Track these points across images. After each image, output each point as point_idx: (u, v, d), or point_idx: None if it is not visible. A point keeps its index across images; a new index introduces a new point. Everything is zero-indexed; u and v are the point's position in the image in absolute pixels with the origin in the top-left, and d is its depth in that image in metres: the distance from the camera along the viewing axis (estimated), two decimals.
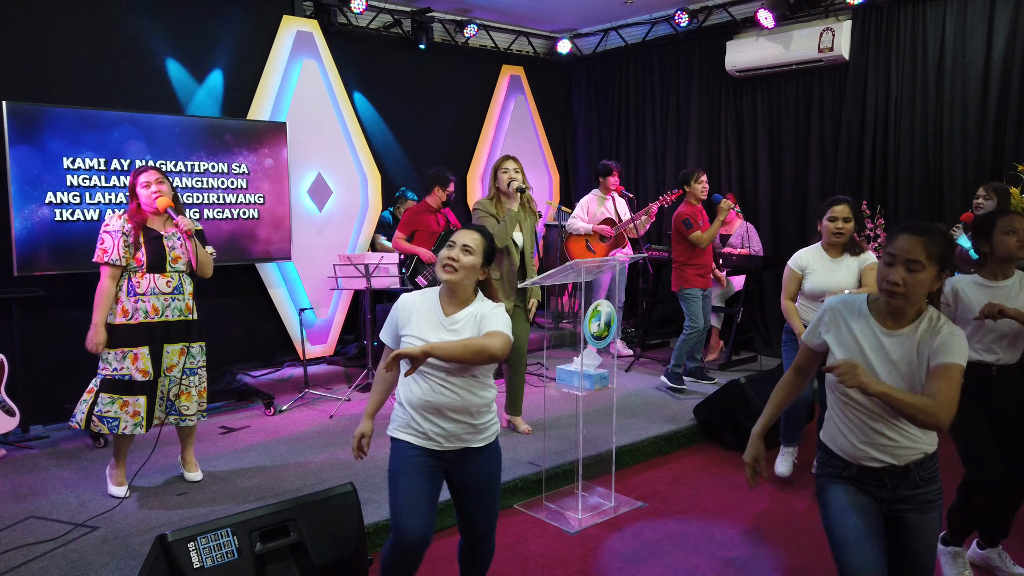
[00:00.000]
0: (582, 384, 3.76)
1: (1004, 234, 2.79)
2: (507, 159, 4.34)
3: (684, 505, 3.83)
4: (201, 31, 5.50)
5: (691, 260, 5.40)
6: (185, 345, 3.63)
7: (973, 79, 5.46)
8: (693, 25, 7.03)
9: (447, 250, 2.38)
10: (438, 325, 2.37)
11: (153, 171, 3.58)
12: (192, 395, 3.70)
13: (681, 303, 5.52)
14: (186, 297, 3.64)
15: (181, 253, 3.61)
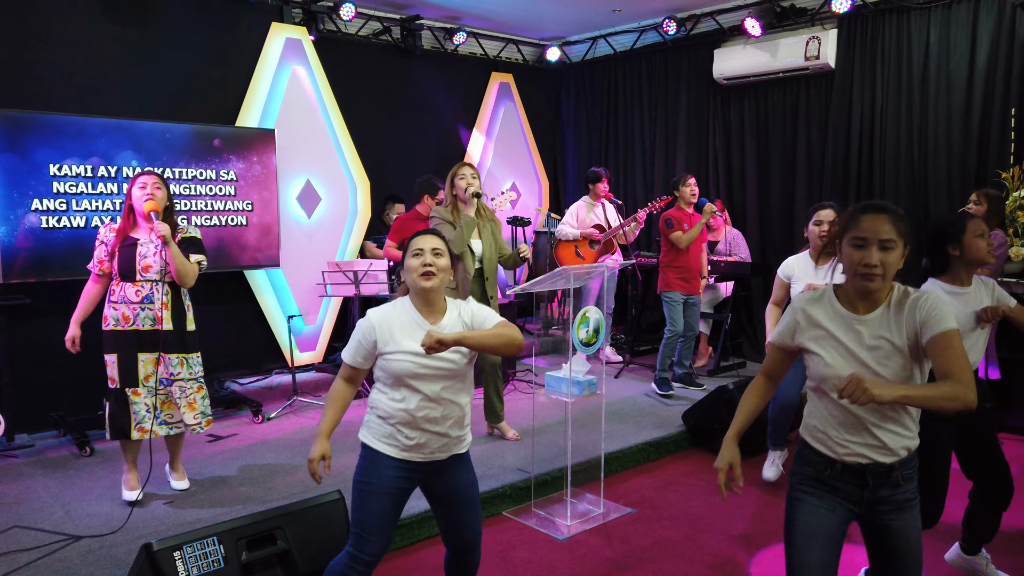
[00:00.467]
0: (571, 390, 3.77)
1: (976, 237, 2.68)
2: (464, 166, 4.33)
3: (673, 511, 3.84)
4: (189, 38, 5.49)
5: (674, 263, 5.43)
6: (159, 355, 3.55)
7: (957, 87, 5.52)
8: (681, 33, 7.08)
9: (417, 258, 2.30)
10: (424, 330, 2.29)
11: (152, 175, 3.55)
12: (177, 405, 3.64)
13: (663, 306, 5.54)
14: (157, 307, 3.52)
15: (153, 262, 3.52)
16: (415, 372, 2.26)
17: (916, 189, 5.79)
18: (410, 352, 2.26)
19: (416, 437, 2.30)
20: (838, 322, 1.99)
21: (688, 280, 5.45)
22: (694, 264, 5.49)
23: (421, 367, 2.26)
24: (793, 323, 2.07)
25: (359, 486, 2.33)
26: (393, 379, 2.29)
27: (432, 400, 2.29)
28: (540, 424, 4.67)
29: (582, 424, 4.67)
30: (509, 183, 7.84)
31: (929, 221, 2.91)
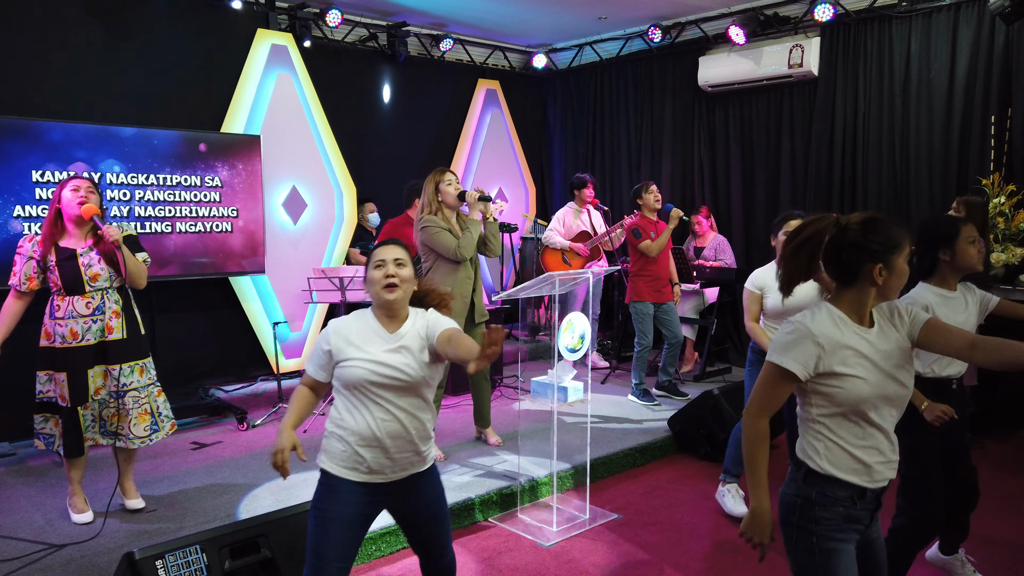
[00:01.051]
0: (556, 396, 3.77)
1: (969, 243, 2.67)
2: (446, 172, 4.29)
3: (658, 517, 3.85)
4: (175, 44, 5.47)
5: (643, 271, 5.40)
6: (106, 368, 3.41)
7: (938, 95, 5.58)
8: (666, 41, 7.13)
9: (379, 269, 2.26)
10: (384, 343, 2.25)
11: (85, 180, 3.43)
12: (129, 418, 3.46)
13: (632, 316, 5.50)
14: (108, 317, 3.40)
15: (100, 270, 3.37)
16: (370, 379, 2.20)
17: (898, 196, 5.85)
18: (368, 359, 2.21)
19: (376, 457, 2.23)
20: (855, 337, 1.90)
21: (658, 288, 5.43)
22: (663, 272, 5.46)
23: (376, 375, 2.20)
24: (814, 350, 1.86)
25: (317, 514, 2.25)
26: (349, 390, 2.24)
27: (389, 412, 2.22)
28: (526, 430, 4.67)
29: (568, 430, 4.67)
30: (496, 189, 7.86)
31: (922, 222, 2.86)
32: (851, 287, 1.91)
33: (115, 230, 3.32)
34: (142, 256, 3.52)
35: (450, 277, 4.17)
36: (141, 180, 5.01)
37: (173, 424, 3.67)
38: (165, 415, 3.61)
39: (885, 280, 1.87)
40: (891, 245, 1.85)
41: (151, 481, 4.03)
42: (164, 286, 5.26)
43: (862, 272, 1.87)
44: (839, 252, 1.89)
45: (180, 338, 5.54)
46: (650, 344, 5.46)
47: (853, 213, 1.94)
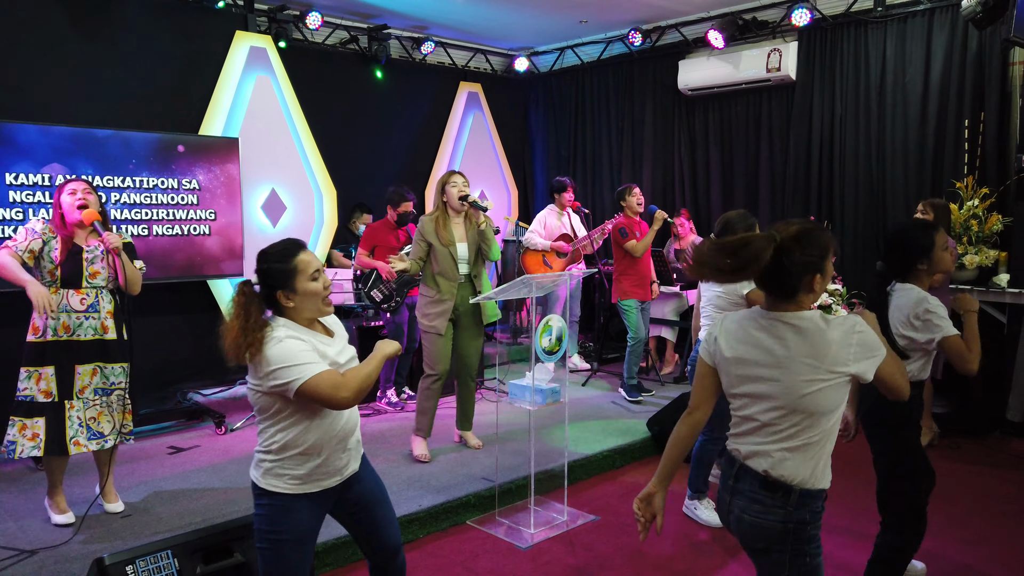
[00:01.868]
0: (533, 399, 3.78)
1: (943, 251, 2.74)
2: (456, 174, 4.37)
3: None
4: (152, 46, 5.44)
5: (628, 270, 5.51)
6: (99, 365, 3.44)
7: (913, 99, 5.66)
8: (647, 44, 7.17)
9: (320, 281, 2.15)
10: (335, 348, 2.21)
11: (82, 182, 3.45)
12: (106, 416, 3.47)
13: (621, 315, 5.61)
14: (102, 316, 3.44)
15: (100, 268, 3.43)
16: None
17: (875, 198, 5.92)
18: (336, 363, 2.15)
19: (338, 458, 2.19)
20: None
21: (642, 287, 5.56)
22: (646, 271, 5.60)
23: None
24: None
25: (270, 537, 2.14)
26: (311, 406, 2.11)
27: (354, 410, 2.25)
28: (505, 432, 4.67)
29: (547, 432, 4.68)
30: (478, 192, 7.86)
31: (895, 229, 2.89)
32: (791, 299, 1.89)
33: (115, 238, 3.38)
34: (139, 264, 3.58)
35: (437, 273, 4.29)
36: (117, 183, 4.98)
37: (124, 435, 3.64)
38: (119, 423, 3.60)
39: (820, 285, 1.88)
40: (825, 253, 1.87)
41: (127, 486, 3.99)
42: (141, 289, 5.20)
43: (802, 283, 1.86)
44: (783, 271, 1.84)
45: (158, 341, 5.50)
46: (643, 337, 5.57)
47: (780, 225, 1.89)
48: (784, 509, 1.88)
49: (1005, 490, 4.15)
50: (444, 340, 4.30)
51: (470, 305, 4.32)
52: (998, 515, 3.82)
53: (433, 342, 4.29)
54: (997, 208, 5.13)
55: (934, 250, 2.70)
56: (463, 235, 4.36)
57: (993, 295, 5.02)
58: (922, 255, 2.71)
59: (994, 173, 5.26)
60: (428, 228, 4.30)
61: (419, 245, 4.31)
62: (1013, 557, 3.40)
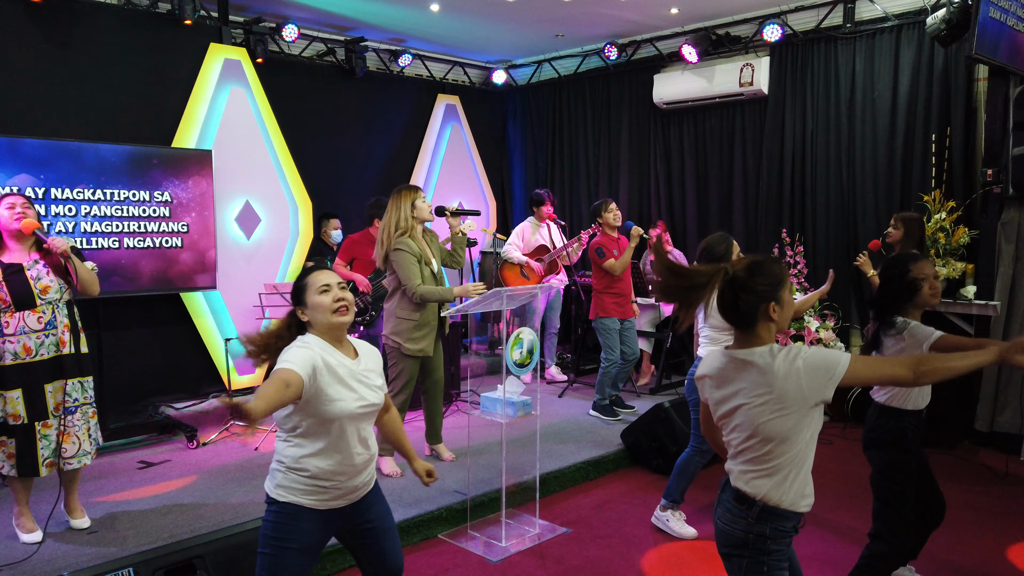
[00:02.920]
0: (505, 411, 3.79)
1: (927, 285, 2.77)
2: (420, 190, 4.34)
3: (608, 530, 3.87)
4: (125, 58, 5.42)
5: (609, 288, 5.41)
6: (61, 382, 3.39)
7: (882, 114, 5.75)
8: (622, 58, 7.24)
9: (327, 294, 2.21)
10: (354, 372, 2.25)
11: (19, 196, 3.41)
12: (72, 437, 3.42)
13: (597, 334, 5.50)
14: (60, 330, 3.38)
15: (50, 282, 3.36)
16: (356, 413, 2.22)
17: (846, 210, 6.00)
18: (349, 393, 2.21)
19: (344, 483, 2.23)
20: None
21: (622, 304, 5.45)
22: (627, 288, 5.49)
23: (361, 407, 2.23)
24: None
25: (274, 543, 2.18)
26: (323, 425, 2.17)
27: (363, 439, 2.27)
28: (477, 445, 4.67)
29: (521, 444, 4.68)
30: (456, 203, 7.86)
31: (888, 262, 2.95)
32: (751, 329, 1.98)
33: (61, 241, 3.32)
34: (89, 265, 3.50)
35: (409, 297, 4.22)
36: (88, 195, 4.94)
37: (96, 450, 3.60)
38: (93, 438, 3.56)
39: (779, 314, 1.97)
40: (777, 282, 1.97)
41: (95, 501, 3.94)
42: (112, 302, 5.17)
43: (759, 313, 1.96)
44: (736, 301, 1.96)
45: (129, 355, 5.45)
46: (617, 359, 5.43)
47: (736, 260, 2.06)
48: (747, 520, 2.01)
49: (972, 500, 4.20)
50: (435, 358, 4.30)
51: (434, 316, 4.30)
52: (965, 524, 3.87)
53: (412, 365, 4.25)
54: (964, 221, 5.23)
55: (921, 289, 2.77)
56: (430, 252, 4.34)
57: (960, 307, 5.10)
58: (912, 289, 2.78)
59: (961, 187, 5.35)
60: (415, 248, 4.19)
61: (415, 266, 4.14)
62: (978, 566, 3.45)
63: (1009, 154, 4.81)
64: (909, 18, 5.55)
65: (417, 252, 4.19)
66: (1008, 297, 5.02)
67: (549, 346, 6.88)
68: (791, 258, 5.90)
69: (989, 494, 4.30)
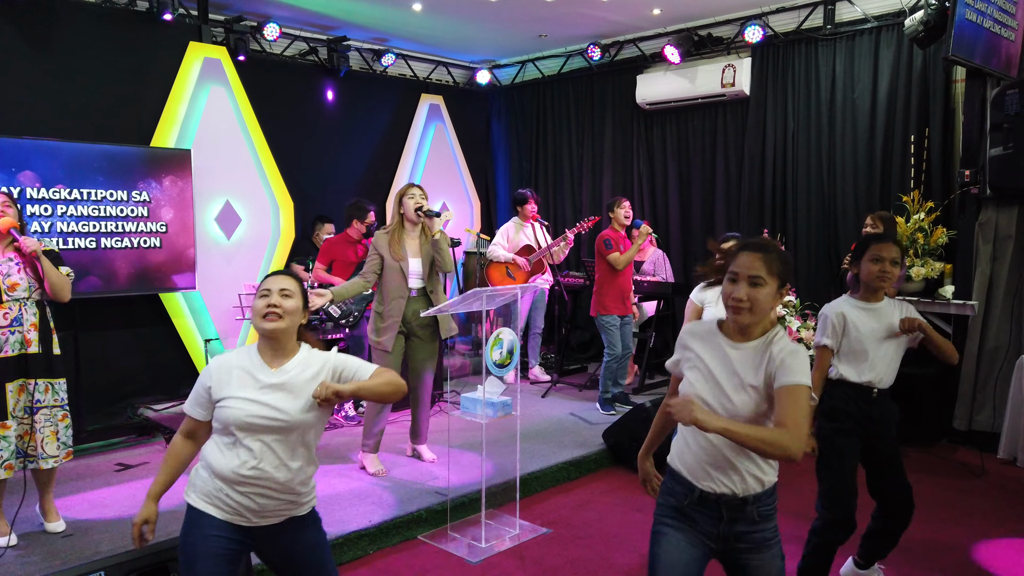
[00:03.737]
0: (485, 412, 3.78)
1: (870, 261, 2.82)
2: (413, 186, 4.36)
3: (588, 530, 3.86)
4: (103, 56, 5.37)
5: (608, 284, 5.48)
6: (24, 382, 3.34)
7: (862, 115, 5.78)
8: (605, 59, 7.25)
9: (263, 298, 2.18)
10: (262, 380, 2.16)
11: (1, 193, 3.39)
12: (39, 436, 3.38)
13: (599, 330, 5.60)
14: (26, 329, 3.34)
15: (19, 279, 3.33)
16: (245, 422, 2.11)
17: (826, 210, 6.03)
18: (242, 397, 2.12)
19: (240, 500, 2.13)
20: (711, 348, 2.06)
21: (623, 301, 5.53)
22: (628, 285, 5.57)
23: (251, 416, 2.11)
24: (679, 350, 2.17)
25: (183, 550, 2.16)
26: (224, 429, 2.15)
27: (259, 456, 2.11)
28: (459, 445, 4.66)
29: (503, 444, 4.68)
30: (440, 203, 7.86)
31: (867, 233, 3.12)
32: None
33: (33, 241, 3.30)
34: (65, 270, 3.46)
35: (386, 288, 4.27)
36: (64, 195, 4.88)
37: (69, 453, 3.55)
38: (63, 442, 3.50)
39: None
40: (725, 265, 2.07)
41: (71, 504, 3.90)
42: (89, 303, 5.12)
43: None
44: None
45: (107, 356, 5.40)
46: (619, 354, 5.55)
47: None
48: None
49: (947, 498, 4.23)
50: (393, 356, 4.26)
51: (414, 316, 4.29)
52: (939, 522, 3.90)
53: (382, 358, 4.24)
54: (942, 221, 5.26)
55: (863, 257, 2.86)
56: (417, 249, 4.33)
57: (939, 306, 5.14)
58: (854, 259, 2.91)
59: (939, 187, 5.39)
60: (381, 242, 4.29)
61: (373, 259, 4.29)
62: (952, 564, 3.47)
63: (986, 155, 4.85)
64: (888, 20, 5.59)
65: (383, 247, 4.26)
66: (985, 297, 5.07)
67: (533, 346, 6.88)
68: None
69: (966, 491, 4.34)
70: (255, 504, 2.14)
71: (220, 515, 2.15)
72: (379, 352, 4.27)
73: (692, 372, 2.07)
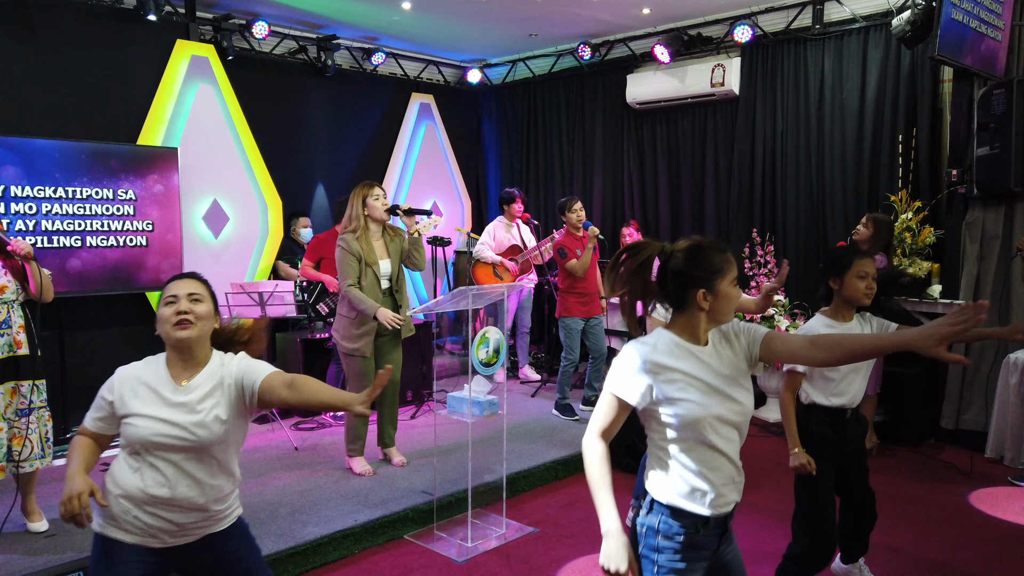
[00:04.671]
0: (471, 411, 3.76)
1: (856, 277, 2.69)
2: (375, 186, 4.28)
3: (574, 529, 3.86)
4: (88, 54, 5.33)
5: (572, 288, 5.42)
6: (15, 384, 3.35)
7: (850, 114, 5.79)
8: (596, 58, 7.25)
9: (170, 306, 2.01)
10: (168, 398, 2.00)
11: None
12: (25, 439, 3.38)
13: (560, 331, 5.52)
14: (15, 331, 3.36)
15: (7, 282, 3.35)
16: (152, 441, 1.96)
17: (815, 210, 6.03)
18: (147, 416, 1.97)
19: (150, 521, 1.98)
20: (686, 360, 1.86)
21: (587, 303, 5.46)
22: (592, 287, 5.49)
23: (157, 435, 1.96)
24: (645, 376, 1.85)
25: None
26: (131, 447, 2.00)
27: (168, 476, 1.97)
28: (446, 445, 4.64)
29: (490, 444, 4.67)
30: (430, 203, 7.84)
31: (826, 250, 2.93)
32: (682, 312, 1.91)
33: (25, 244, 3.28)
34: (47, 272, 3.47)
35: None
36: (48, 193, 4.85)
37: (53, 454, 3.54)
38: (49, 441, 3.50)
39: (711, 304, 1.86)
40: (712, 271, 1.86)
41: (55, 504, 3.81)
42: (74, 302, 5.08)
43: (688, 297, 1.87)
44: (665, 280, 1.90)
45: (93, 356, 5.35)
46: (576, 359, 5.51)
47: (680, 240, 1.93)
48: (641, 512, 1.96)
49: (934, 497, 4.24)
50: (368, 361, 4.21)
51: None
52: (926, 520, 3.90)
53: (359, 364, 4.19)
54: (930, 221, 5.28)
55: (847, 273, 2.70)
56: (384, 251, 4.28)
57: (926, 306, 5.16)
58: (834, 273, 2.74)
59: (927, 187, 5.40)
60: (355, 246, 4.15)
61: (351, 265, 4.13)
62: (939, 563, 3.48)
63: (973, 155, 4.87)
64: (876, 20, 5.60)
65: (357, 251, 4.14)
66: (973, 296, 5.08)
67: (522, 346, 6.87)
68: (761, 257, 5.92)
69: (954, 492, 4.34)
70: (169, 524, 2.00)
71: (131, 539, 1.99)
72: (356, 359, 4.19)
73: (685, 392, 1.83)
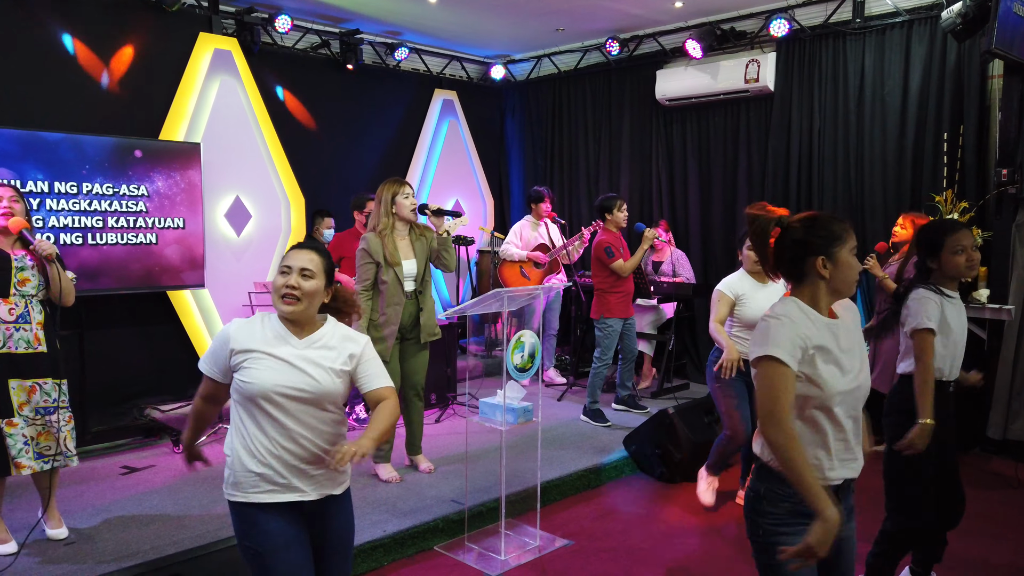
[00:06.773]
0: (505, 418, 3.61)
1: (952, 254, 2.72)
2: (405, 184, 4.13)
3: (611, 542, 3.70)
4: (110, 46, 5.23)
5: (614, 288, 5.28)
6: (34, 382, 3.26)
7: (892, 111, 5.59)
8: (624, 54, 7.07)
9: (283, 277, 2.06)
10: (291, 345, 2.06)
11: (8, 188, 3.29)
12: (61, 435, 3.30)
13: (596, 332, 5.37)
14: (33, 327, 3.26)
15: (31, 276, 3.25)
16: (272, 389, 2.00)
17: (853, 211, 5.83)
18: (269, 355, 2.02)
19: (290, 471, 2.05)
20: (823, 332, 1.88)
21: (627, 303, 5.35)
22: (631, 287, 5.40)
23: (279, 385, 2.01)
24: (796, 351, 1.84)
25: (251, 552, 2.04)
26: (252, 401, 2.03)
27: (289, 428, 2.03)
28: (475, 452, 4.50)
29: (520, 451, 4.51)
30: (453, 201, 7.70)
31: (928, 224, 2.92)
32: (802, 284, 1.94)
33: (48, 244, 3.22)
34: (71, 275, 3.40)
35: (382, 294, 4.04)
36: (68, 189, 4.74)
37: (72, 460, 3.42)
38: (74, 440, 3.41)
39: (831, 273, 1.88)
40: (831, 237, 1.88)
41: (74, 509, 3.76)
42: (95, 301, 4.98)
43: (807, 267, 1.90)
44: (783, 250, 1.94)
45: (113, 355, 5.27)
46: (610, 361, 5.35)
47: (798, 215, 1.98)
48: (753, 477, 1.98)
49: (980, 509, 4.04)
50: (392, 365, 4.06)
51: (410, 320, 4.10)
52: (976, 535, 3.71)
53: None
54: (977, 222, 5.07)
55: (943, 251, 2.72)
56: (410, 251, 4.11)
57: (973, 310, 4.95)
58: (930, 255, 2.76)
59: (974, 187, 5.19)
60: (375, 247, 4.01)
61: (368, 267, 4.00)
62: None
63: None
64: (920, 13, 5.40)
65: (376, 252, 4.00)
66: (1022, 301, 4.87)
67: (548, 348, 6.72)
68: None
69: (1003, 503, 4.15)
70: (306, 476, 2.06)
71: (275, 498, 2.04)
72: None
73: (826, 367, 1.85)
